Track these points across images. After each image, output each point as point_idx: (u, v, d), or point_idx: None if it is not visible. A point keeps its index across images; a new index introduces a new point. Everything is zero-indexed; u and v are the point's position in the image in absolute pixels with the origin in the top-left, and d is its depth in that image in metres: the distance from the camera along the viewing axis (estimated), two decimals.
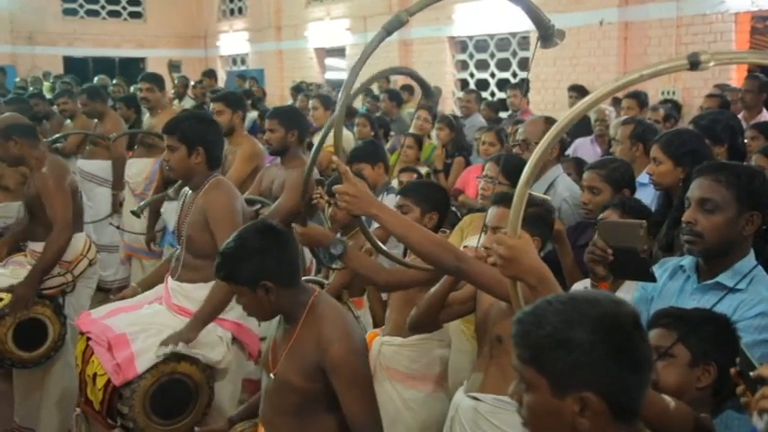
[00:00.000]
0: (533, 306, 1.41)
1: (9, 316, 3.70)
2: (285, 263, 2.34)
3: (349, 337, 2.28)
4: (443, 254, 2.20)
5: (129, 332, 3.03)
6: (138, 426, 2.94)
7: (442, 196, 3.28)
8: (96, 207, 6.48)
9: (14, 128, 3.97)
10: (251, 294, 2.29)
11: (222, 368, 3.15)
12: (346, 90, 2.23)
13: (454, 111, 11.50)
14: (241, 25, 18.41)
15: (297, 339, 2.30)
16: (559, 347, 1.32)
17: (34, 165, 3.97)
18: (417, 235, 2.21)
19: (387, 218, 2.20)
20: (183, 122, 3.30)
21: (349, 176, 2.19)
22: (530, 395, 1.37)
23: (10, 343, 3.73)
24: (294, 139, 4.32)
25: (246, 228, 2.42)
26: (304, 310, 2.33)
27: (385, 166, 4.47)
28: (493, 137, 5.32)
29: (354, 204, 2.18)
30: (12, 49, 17.05)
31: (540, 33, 2.26)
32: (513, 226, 1.81)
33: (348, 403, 2.23)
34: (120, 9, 19.21)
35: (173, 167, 3.28)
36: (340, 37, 14.59)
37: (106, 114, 6.80)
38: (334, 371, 2.22)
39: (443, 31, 12.38)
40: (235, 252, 2.30)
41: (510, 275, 1.82)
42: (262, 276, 2.26)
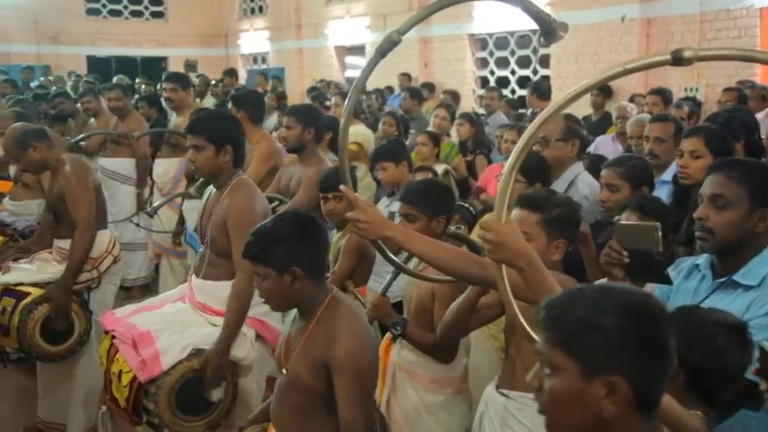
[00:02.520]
0: (564, 292, 1.44)
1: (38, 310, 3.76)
2: (317, 254, 2.34)
3: (358, 338, 2.25)
4: (467, 265, 2.19)
5: (154, 329, 3.04)
6: (163, 422, 2.96)
7: (445, 196, 3.27)
8: (118, 205, 6.52)
9: (28, 135, 4.01)
10: (277, 279, 2.26)
11: (246, 365, 3.16)
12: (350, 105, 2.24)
13: (474, 109, 11.47)
14: (261, 24, 18.48)
15: (310, 336, 2.29)
16: (592, 331, 1.34)
17: (55, 165, 4.02)
18: (437, 251, 2.20)
19: (402, 238, 2.18)
20: (208, 122, 3.28)
21: (359, 203, 2.17)
22: (555, 379, 1.38)
23: (38, 337, 3.78)
24: (311, 137, 4.33)
25: (285, 213, 2.42)
26: (321, 306, 2.31)
27: (409, 164, 4.46)
28: (514, 135, 5.28)
29: (368, 230, 2.16)
30: (36, 48, 17.24)
31: (541, 30, 2.26)
32: (499, 210, 1.84)
33: (343, 404, 2.20)
34: (142, 9, 19.36)
35: (200, 167, 3.25)
36: (360, 35, 14.60)
37: (129, 113, 6.87)
38: (337, 369, 2.19)
39: (463, 28, 12.35)
40: (271, 232, 2.28)
41: (498, 259, 1.85)
42: (293, 261, 2.25)
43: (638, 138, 4.66)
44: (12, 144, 4.04)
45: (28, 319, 3.75)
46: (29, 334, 3.75)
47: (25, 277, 3.94)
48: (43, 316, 3.78)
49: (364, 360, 2.24)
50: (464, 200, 4.87)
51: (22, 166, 4.23)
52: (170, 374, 2.94)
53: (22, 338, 3.76)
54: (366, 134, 6.48)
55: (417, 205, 3.08)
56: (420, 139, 5.54)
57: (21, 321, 3.74)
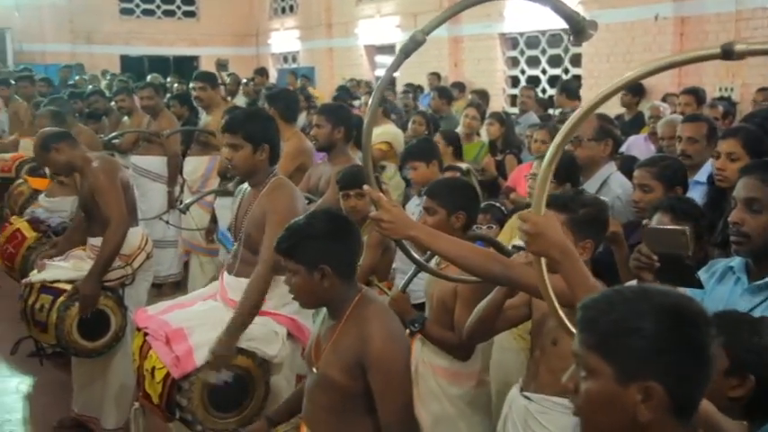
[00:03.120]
0: (601, 294, 1.41)
1: (78, 313, 3.81)
2: (348, 254, 2.33)
3: (391, 335, 2.25)
4: (491, 265, 2.19)
5: (187, 326, 3.06)
6: (196, 418, 2.97)
7: (468, 194, 3.26)
8: (149, 203, 6.60)
9: (50, 137, 4.08)
10: (306, 275, 2.26)
11: (278, 363, 3.16)
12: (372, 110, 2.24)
13: (504, 108, 11.43)
14: (292, 23, 18.57)
15: (340, 335, 2.28)
16: (628, 334, 1.31)
17: (82, 164, 4.06)
18: (460, 250, 2.19)
19: (425, 238, 2.18)
20: (246, 120, 3.28)
21: (382, 202, 2.17)
22: (590, 382, 1.35)
23: (75, 333, 3.84)
24: (340, 136, 4.34)
25: (319, 211, 2.41)
26: (350, 305, 2.30)
27: (439, 163, 4.45)
28: (545, 134, 5.25)
29: (392, 229, 2.16)
30: (71, 48, 17.51)
31: (571, 29, 2.23)
32: (537, 203, 1.85)
33: (382, 402, 2.20)
34: (174, 8, 19.57)
35: (237, 165, 3.25)
36: (390, 34, 14.61)
37: (161, 112, 6.95)
38: (372, 368, 2.19)
39: (494, 27, 12.31)
40: (303, 228, 2.29)
41: (535, 251, 1.85)
42: (323, 259, 2.25)
43: (670, 139, 4.60)
44: (36, 148, 4.15)
45: (65, 315, 3.80)
46: (66, 330, 3.81)
47: (61, 274, 3.99)
48: (81, 313, 3.83)
49: (399, 356, 2.24)
50: (494, 199, 4.85)
51: (49, 168, 4.28)
52: (203, 371, 2.96)
53: (59, 335, 3.82)
54: (396, 133, 6.48)
55: (438, 199, 3.09)
56: (437, 139, 5.54)
57: (58, 318, 3.80)
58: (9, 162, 7.81)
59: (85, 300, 3.83)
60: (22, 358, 5.02)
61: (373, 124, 2.36)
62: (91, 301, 3.85)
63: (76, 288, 3.86)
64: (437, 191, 3.14)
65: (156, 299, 4.31)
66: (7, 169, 7.71)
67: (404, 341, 2.33)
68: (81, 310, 3.82)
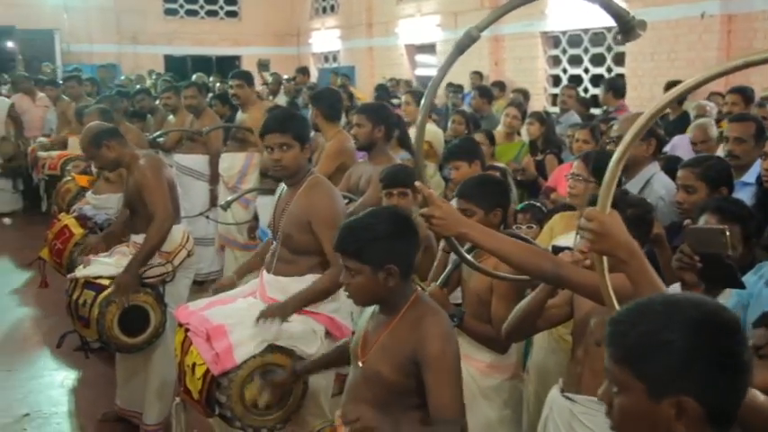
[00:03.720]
0: (630, 305, 1.37)
1: (115, 303, 3.87)
2: (411, 253, 2.33)
3: (446, 335, 2.25)
4: (541, 262, 2.18)
5: (227, 323, 3.09)
6: (235, 415, 3.00)
7: (499, 189, 3.26)
8: (192, 201, 6.67)
9: (102, 134, 4.13)
10: (370, 275, 2.25)
11: None
12: (426, 107, 2.23)
13: (545, 107, 11.33)
14: (333, 23, 18.65)
15: (393, 332, 2.28)
16: (657, 349, 1.28)
17: (129, 161, 4.13)
18: (511, 247, 2.18)
19: (477, 235, 2.18)
20: (294, 120, 3.29)
21: (433, 199, 2.17)
22: (622, 397, 1.33)
23: (116, 328, 3.90)
24: (381, 135, 4.35)
25: (382, 209, 2.39)
26: (406, 303, 2.30)
27: (482, 163, 4.43)
28: (586, 134, 5.20)
29: (443, 226, 2.16)
30: (117, 48, 17.82)
31: (619, 27, 2.20)
32: (603, 202, 1.80)
33: (439, 396, 2.20)
34: (217, 8, 19.78)
35: (286, 165, 3.25)
36: (430, 33, 14.59)
37: (204, 111, 7.04)
38: (431, 367, 2.19)
39: (536, 26, 12.21)
40: (369, 229, 2.26)
41: (601, 250, 1.81)
42: (391, 259, 2.24)
43: (702, 143, 4.54)
44: (86, 143, 4.19)
45: (106, 311, 3.86)
46: (107, 325, 3.86)
47: (104, 270, 4.06)
48: (121, 309, 3.89)
49: (455, 354, 2.25)
50: (534, 199, 4.82)
51: (97, 163, 4.35)
52: (242, 368, 2.98)
53: (101, 330, 3.88)
54: (436, 133, 6.47)
55: (473, 200, 3.09)
56: (478, 138, 5.50)
57: (100, 313, 3.86)
58: (55, 159, 7.99)
59: (119, 289, 3.86)
60: (68, 352, 5.14)
61: (426, 121, 2.35)
62: (125, 292, 3.88)
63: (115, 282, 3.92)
64: (470, 192, 3.14)
65: (197, 296, 4.36)
66: (53, 167, 7.90)
67: (455, 338, 2.33)
68: (114, 297, 3.86)
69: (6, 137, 9.96)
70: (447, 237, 2.25)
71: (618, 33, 2.23)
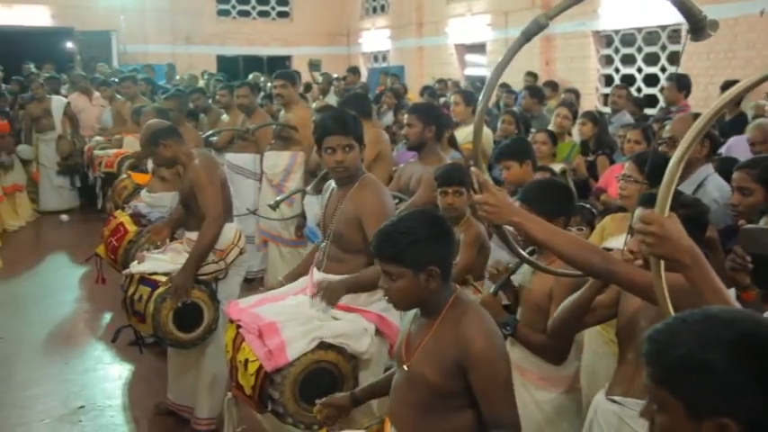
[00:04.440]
0: (666, 323, 1.33)
1: (170, 301, 3.95)
2: (449, 254, 2.32)
3: (489, 334, 2.22)
4: (592, 257, 2.13)
5: (279, 320, 3.12)
6: (287, 411, 3.03)
7: (565, 196, 3.21)
8: (242, 199, 6.73)
9: (159, 133, 4.21)
10: (412, 278, 2.23)
11: (366, 359, 3.19)
12: (486, 96, 2.21)
13: (597, 107, 11.17)
14: (383, 23, 18.68)
15: (435, 334, 2.26)
16: (694, 370, 1.24)
17: (185, 160, 4.21)
18: (563, 240, 2.15)
19: (530, 225, 2.15)
20: (353, 122, 3.31)
21: (488, 186, 2.14)
22: (662, 416, 1.30)
23: (170, 324, 3.97)
24: (431, 135, 4.35)
25: (415, 212, 2.36)
26: (446, 305, 2.28)
27: (533, 163, 4.39)
28: (638, 135, 5.12)
29: (495, 214, 2.13)
30: (171, 48, 18.13)
31: (690, 26, 2.14)
32: (662, 204, 1.75)
33: (490, 402, 2.18)
34: (269, 9, 19.98)
35: (348, 166, 3.27)
36: (481, 33, 14.51)
37: (255, 110, 7.13)
38: (476, 368, 2.16)
39: (588, 25, 12.04)
40: (407, 232, 2.24)
41: (660, 254, 1.75)
42: (432, 261, 2.22)
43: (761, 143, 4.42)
44: (144, 141, 4.29)
45: (162, 306, 3.94)
46: (162, 321, 3.94)
47: (159, 267, 4.15)
48: (176, 304, 3.97)
49: (500, 354, 2.22)
50: (585, 201, 4.76)
51: (154, 161, 4.43)
52: (295, 365, 3.01)
53: (156, 325, 3.96)
54: (486, 133, 6.44)
55: (536, 206, 3.02)
56: (539, 138, 5.45)
57: (155, 309, 3.94)
58: (112, 158, 8.20)
59: (176, 290, 3.95)
60: (123, 347, 5.27)
61: (484, 114, 2.34)
62: (182, 292, 3.96)
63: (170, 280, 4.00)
64: (534, 198, 3.08)
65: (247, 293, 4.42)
66: (110, 165, 8.11)
67: (501, 338, 2.30)
68: (172, 297, 3.94)
69: (63, 135, 10.25)
70: (498, 226, 2.22)
71: (689, 31, 2.17)
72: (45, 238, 9.67)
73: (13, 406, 4.73)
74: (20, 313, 6.53)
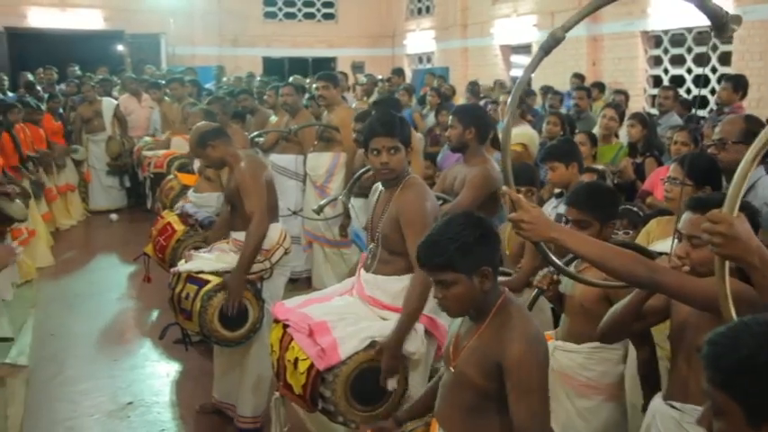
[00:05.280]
0: (728, 327, 1.31)
1: (216, 297, 3.99)
2: (496, 255, 2.30)
3: (532, 339, 2.19)
4: (635, 267, 2.10)
5: (329, 320, 3.13)
6: (338, 410, 3.03)
7: (614, 200, 3.19)
8: (286, 200, 6.77)
9: (207, 134, 4.27)
10: (466, 282, 2.22)
11: (416, 359, 3.18)
12: (511, 110, 2.22)
13: (645, 109, 11.00)
14: (428, 24, 18.66)
15: (481, 336, 2.26)
16: (755, 373, 1.22)
17: (232, 161, 4.26)
18: (603, 251, 2.12)
19: (568, 239, 2.13)
20: (399, 124, 3.32)
21: (522, 203, 2.13)
22: (721, 421, 1.28)
23: (216, 322, 4.01)
24: (471, 137, 4.33)
25: (459, 215, 2.34)
26: (494, 306, 2.27)
27: (579, 165, 4.35)
28: (685, 136, 5.04)
29: (532, 231, 2.12)
30: (219, 50, 18.39)
31: (712, 23, 2.14)
32: (731, 204, 1.72)
33: (518, 407, 2.16)
34: (314, 11, 20.13)
35: (394, 168, 3.28)
36: (526, 34, 14.41)
37: (299, 111, 7.19)
38: (510, 370, 2.15)
39: (636, 25, 11.87)
40: (455, 237, 2.22)
41: (728, 255, 1.72)
42: (484, 262, 2.22)
43: None
44: (193, 143, 4.36)
45: (208, 305, 3.98)
46: (208, 319, 3.99)
47: (206, 265, 4.19)
48: (221, 303, 4.00)
49: (537, 359, 2.18)
50: (631, 203, 4.70)
51: (204, 162, 4.48)
52: (347, 364, 3.01)
53: (202, 323, 4.00)
54: (531, 135, 6.40)
55: (591, 211, 3.01)
56: (579, 139, 5.39)
57: (202, 307, 3.99)
58: (161, 158, 8.35)
59: (232, 293, 4.00)
60: (169, 344, 5.34)
61: (512, 123, 2.33)
62: (237, 294, 4.01)
63: (224, 282, 4.04)
64: (587, 203, 3.04)
65: (291, 293, 4.46)
66: (159, 165, 8.26)
67: (543, 344, 2.27)
68: (227, 302, 3.99)
69: (113, 136, 10.47)
70: (536, 242, 2.20)
71: (712, 30, 2.16)
72: (95, 236, 9.88)
73: (63, 400, 4.84)
74: (71, 310, 6.68)
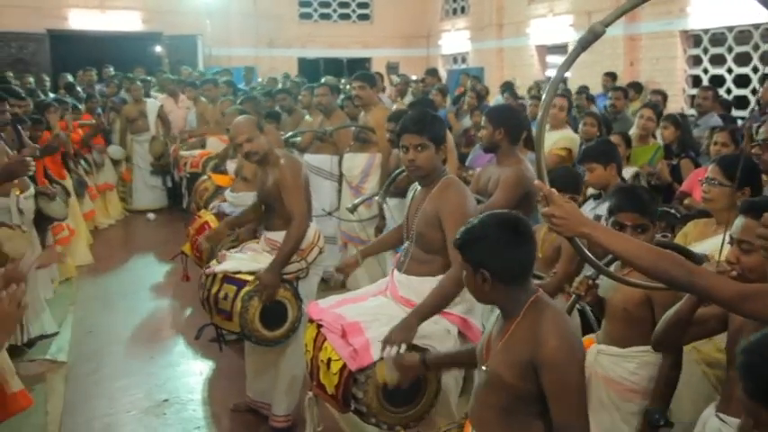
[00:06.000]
0: (763, 335, 1.29)
1: (257, 297, 4.01)
2: (512, 261, 2.23)
3: (565, 336, 2.15)
4: (673, 269, 2.05)
5: (362, 320, 3.13)
6: (370, 410, 3.02)
7: (653, 200, 3.15)
8: (320, 200, 6.80)
9: (259, 123, 4.31)
10: (471, 274, 2.26)
11: None
12: (545, 109, 2.20)
13: (684, 109, 10.85)
14: (463, 24, 18.60)
15: (512, 335, 2.23)
16: None
17: (272, 159, 4.27)
18: (639, 250, 2.08)
19: (601, 236, 2.09)
20: (429, 122, 3.32)
21: (554, 198, 2.11)
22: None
23: (257, 322, 4.03)
24: (502, 137, 4.30)
25: (495, 213, 2.34)
26: (522, 307, 2.24)
27: (618, 166, 4.30)
28: (726, 137, 4.96)
29: (564, 226, 2.10)
30: (254, 51, 18.52)
31: None
32: None
33: (557, 404, 2.13)
34: (349, 12, 20.18)
35: (421, 166, 3.29)
36: (562, 34, 14.29)
37: (334, 111, 7.22)
38: (546, 369, 2.11)
39: (675, 24, 11.70)
40: (475, 228, 2.25)
41: None
42: (482, 263, 2.21)
43: None
44: (251, 126, 4.23)
45: (249, 305, 4.00)
46: (249, 319, 4.00)
47: (243, 266, 4.19)
48: (262, 303, 4.02)
49: (574, 358, 2.15)
50: (668, 205, 4.64)
51: (251, 148, 4.23)
52: (379, 365, 3.00)
53: (243, 323, 4.01)
54: (574, 139, 6.31)
55: (650, 215, 2.99)
56: (613, 140, 5.34)
57: (243, 307, 4.00)
58: (197, 158, 8.45)
59: (266, 289, 4.00)
60: (204, 343, 5.40)
61: (546, 119, 2.31)
62: (271, 291, 4.02)
63: (258, 277, 4.05)
64: (646, 205, 3.00)
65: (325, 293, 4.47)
66: (195, 165, 8.36)
67: (578, 343, 2.23)
68: (260, 295, 4.00)
69: (156, 136, 10.61)
70: (569, 237, 2.17)
71: None
72: (133, 235, 10.01)
73: (100, 396, 4.91)
74: (109, 307, 6.78)
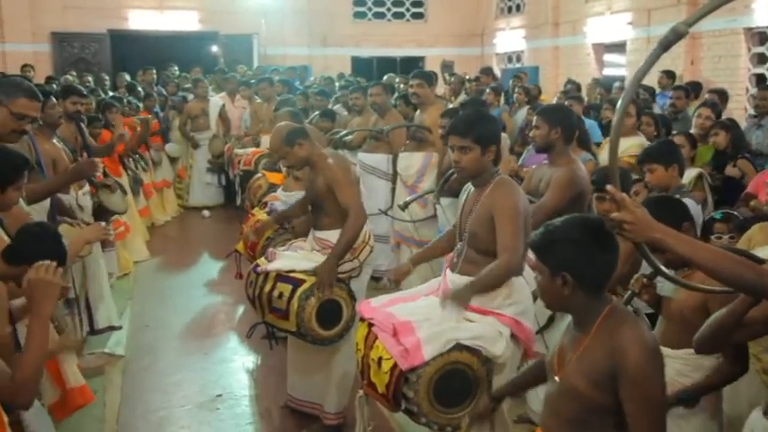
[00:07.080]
0: None
1: (314, 296, 4.01)
2: (596, 268, 2.19)
3: (649, 347, 2.10)
4: (744, 272, 2.00)
5: (414, 320, 3.13)
6: (421, 410, 3.03)
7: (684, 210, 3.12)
8: (374, 199, 6.81)
9: (294, 133, 4.28)
10: (549, 278, 2.21)
11: (501, 363, 3.15)
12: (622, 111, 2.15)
13: (747, 109, 10.54)
14: (518, 22, 18.41)
15: (588, 347, 2.18)
16: None
17: (317, 160, 4.26)
18: (709, 254, 2.04)
19: (672, 241, 2.06)
20: (475, 123, 3.32)
21: (626, 203, 2.07)
22: None
23: (313, 321, 4.04)
24: (557, 137, 4.23)
25: (579, 216, 2.30)
26: (598, 317, 2.19)
27: (680, 168, 4.20)
28: None
29: (635, 231, 2.06)
30: (308, 51, 18.65)
31: None
32: None
33: (638, 418, 2.07)
34: (403, 11, 20.16)
35: (464, 167, 3.31)
36: (620, 32, 14.01)
37: (388, 111, 7.21)
38: (628, 381, 2.06)
39: (739, 21, 11.36)
40: (557, 230, 2.20)
41: None
42: (565, 267, 2.17)
43: None
44: (279, 142, 4.32)
45: (306, 304, 4.00)
46: (306, 318, 4.01)
47: (296, 264, 4.20)
48: (319, 302, 4.03)
49: (656, 369, 2.10)
50: (732, 207, 4.50)
51: (288, 162, 4.44)
52: (430, 365, 3.00)
53: (299, 322, 4.02)
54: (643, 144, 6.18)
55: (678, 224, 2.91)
56: (677, 141, 5.20)
57: (299, 307, 4.00)
58: (250, 156, 8.55)
59: (322, 282, 4.01)
60: (256, 340, 5.46)
61: (623, 121, 2.26)
62: (328, 283, 4.01)
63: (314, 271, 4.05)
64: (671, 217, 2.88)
65: (375, 292, 4.45)
66: (248, 163, 8.46)
67: (659, 354, 2.16)
68: (318, 290, 3.99)
69: (217, 135, 10.75)
70: (638, 243, 2.14)
71: None
72: (188, 232, 10.17)
73: (156, 390, 5.00)
74: (165, 303, 6.91)
